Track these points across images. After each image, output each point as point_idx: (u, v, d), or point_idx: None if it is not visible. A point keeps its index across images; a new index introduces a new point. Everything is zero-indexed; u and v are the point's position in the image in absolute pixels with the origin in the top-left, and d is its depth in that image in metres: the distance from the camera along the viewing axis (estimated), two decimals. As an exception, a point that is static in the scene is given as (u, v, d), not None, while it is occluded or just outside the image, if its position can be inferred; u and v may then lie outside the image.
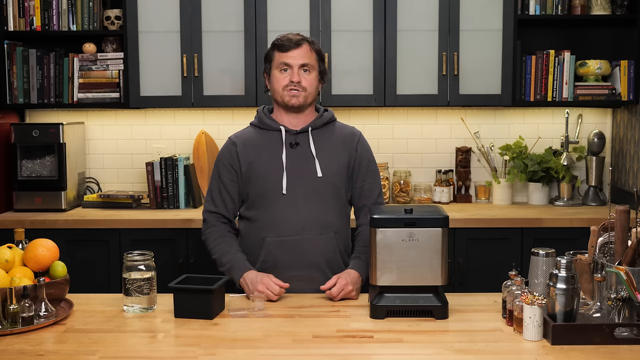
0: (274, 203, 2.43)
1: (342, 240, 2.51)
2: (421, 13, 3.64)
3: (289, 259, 2.42)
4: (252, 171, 2.46)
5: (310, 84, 2.46)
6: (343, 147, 2.52)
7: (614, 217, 1.97)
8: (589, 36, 3.89)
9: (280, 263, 2.42)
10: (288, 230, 2.43)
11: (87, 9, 3.70)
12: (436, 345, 1.85)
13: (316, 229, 2.44)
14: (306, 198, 2.44)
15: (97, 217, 3.48)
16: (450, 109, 3.97)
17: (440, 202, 3.87)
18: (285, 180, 2.43)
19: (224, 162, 2.51)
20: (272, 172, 2.44)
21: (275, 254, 2.43)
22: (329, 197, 2.47)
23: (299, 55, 2.44)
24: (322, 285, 2.30)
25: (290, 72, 2.44)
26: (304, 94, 2.45)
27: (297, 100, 2.44)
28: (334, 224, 2.48)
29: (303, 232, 2.43)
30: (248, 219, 2.50)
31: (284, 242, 2.43)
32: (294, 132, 2.48)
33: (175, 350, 1.84)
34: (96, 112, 3.98)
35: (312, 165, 2.45)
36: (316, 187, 2.45)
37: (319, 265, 2.43)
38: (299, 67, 2.44)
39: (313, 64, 2.47)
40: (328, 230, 2.46)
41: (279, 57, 2.45)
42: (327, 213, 2.46)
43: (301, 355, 1.80)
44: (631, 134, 3.72)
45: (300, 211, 2.42)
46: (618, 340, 1.82)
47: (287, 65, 2.44)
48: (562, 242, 2.92)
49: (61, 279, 2.11)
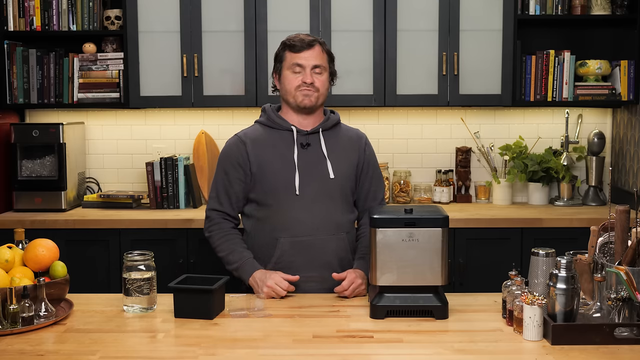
0: (286, 203, 2.43)
1: (353, 240, 2.53)
2: (421, 13, 3.64)
3: (303, 259, 2.42)
4: (263, 171, 2.45)
5: (323, 85, 2.46)
6: (351, 148, 2.53)
7: (614, 217, 1.97)
8: (589, 36, 3.89)
9: (294, 264, 2.42)
10: (302, 231, 2.43)
11: (87, 9, 3.70)
12: (436, 345, 1.85)
13: (329, 229, 2.45)
14: (318, 199, 2.44)
15: (97, 217, 3.48)
16: (450, 109, 3.97)
17: (440, 202, 3.87)
18: (298, 180, 2.43)
19: (232, 160, 2.48)
20: (284, 172, 2.43)
21: (289, 255, 2.43)
22: (339, 198, 2.48)
23: (311, 56, 2.43)
24: (335, 274, 2.33)
25: (302, 73, 2.43)
26: (317, 95, 2.45)
27: (310, 100, 2.44)
28: (345, 224, 2.49)
29: (317, 232, 2.43)
30: (258, 218, 2.49)
31: (298, 242, 2.43)
32: (304, 132, 2.48)
33: (175, 350, 1.84)
34: (96, 112, 3.98)
35: (324, 166, 2.46)
36: (328, 188, 2.45)
37: (332, 265, 2.44)
38: (312, 68, 2.43)
39: (325, 65, 2.47)
40: (340, 230, 2.47)
41: (291, 58, 2.44)
42: (339, 214, 2.48)
43: (301, 355, 1.80)
44: (631, 134, 3.72)
45: (313, 212, 2.43)
46: (618, 340, 1.82)
47: (299, 66, 2.43)
48: (562, 242, 2.93)
49: (61, 279, 2.11)
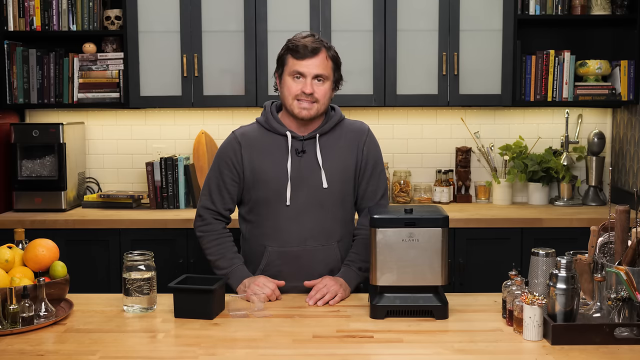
0: (276, 213, 2.38)
1: (345, 247, 2.46)
2: (421, 13, 3.64)
3: (291, 269, 2.38)
4: (255, 176, 2.39)
5: (324, 95, 2.35)
6: (349, 149, 2.43)
7: (614, 217, 1.97)
8: (589, 36, 3.89)
9: (281, 273, 2.38)
10: (290, 242, 2.38)
11: (87, 9, 3.70)
12: (436, 345, 1.85)
13: (319, 239, 2.39)
14: (310, 209, 2.38)
15: (97, 217, 3.48)
16: (450, 109, 3.97)
17: (440, 202, 3.87)
18: (290, 191, 2.37)
19: (227, 160, 2.43)
20: (277, 180, 2.37)
21: (277, 264, 2.40)
22: (333, 207, 2.41)
23: (313, 65, 2.32)
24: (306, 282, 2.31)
25: (303, 81, 2.32)
26: (316, 106, 2.35)
27: (308, 113, 2.34)
28: (337, 232, 2.43)
29: (305, 243, 2.38)
30: (250, 222, 2.46)
31: (286, 252, 2.39)
32: (300, 138, 2.39)
33: (175, 350, 1.84)
34: (96, 112, 3.98)
35: (318, 175, 2.38)
36: (321, 197, 2.39)
37: (321, 275, 2.37)
38: (313, 77, 2.33)
39: (328, 74, 2.35)
40: (331, 240, 2.41)
41: (292, 64, 2.33)
42: (331, 223, 2.41)
43: (301, 355, 1.80)
44: (631, 134, 3.72)
45: (303, 222, 2.37)
46: (618, 340, 1.82)
47: (300, 74, 2.32)
48: (562, 242, 2.92)
49: (61, 279, 2.11)
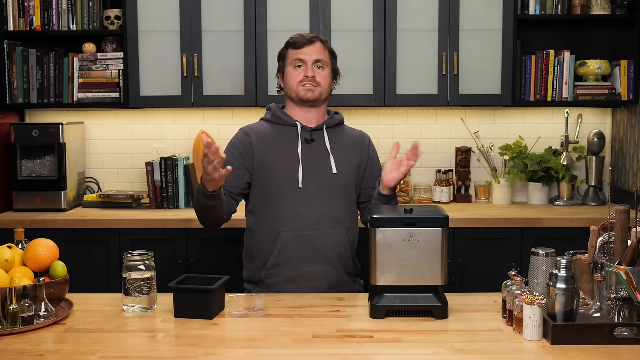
0: (288, 197, 2.44)
1: (353, 237, 2.53)
2: (421, 13, 3.64)
3: (304, 254, 2.43)
4: (266, 163, 2.47)
5: (325, 80, 2.50)
6: (355, 147, 2.57)
7: (614, 217, 1.97)
8: (588, 36, 3.89)
9: (294, 258, 2.43)
10: (304, 225, 2.44)
11: (87, 9, 3.70)
12: (436, 345, 1.85)
13: (330, 224, 2.46)
14: (320, 193, 2.46)
15: (97, 217, 3.48)
16: (450, 109, 3.97)
17: (440, 202, 3.87)
18: (302, 174, 2.44)
19: (234, 150, 2.49)
20: (288, 165, 2.46)
21: (290, 249, 2.44)
22: (341, 194, 2.50)
23: (312, 52, 2.47)
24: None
25: (304, 68, 2.47)
26: (320, 89, 2.48)
27: (313, 94, 2.47)
28: (345, 220, 2.50)
29: (318, 227, 2.44)
30: (259, 214, 2.49)
31: (300, 236, 2.43)
32: (309, 129, 2.50)
33: (175, 350, 1.84)
34: (96, 112, 3.98)
35: (327, 161, 2.48)
36: (330, 183, 2.47)
37: (331, 261, 2.45)
38: (313, 63, 2.47)
39: (327, 61, 2.51)
40: (340, 226, 2.48)
41: (293, 54, 2.49)
42: (340, 209, 2.49)
43: (301, 355, 1.80)
44: (631, 134, 3.72)
45: (314, 206, 2.44)
46: (618, 340, 1.82)
47: (301, 61, 2.47)
48: (562, 242, 2.92)
49: (61, 279, 2.11)
